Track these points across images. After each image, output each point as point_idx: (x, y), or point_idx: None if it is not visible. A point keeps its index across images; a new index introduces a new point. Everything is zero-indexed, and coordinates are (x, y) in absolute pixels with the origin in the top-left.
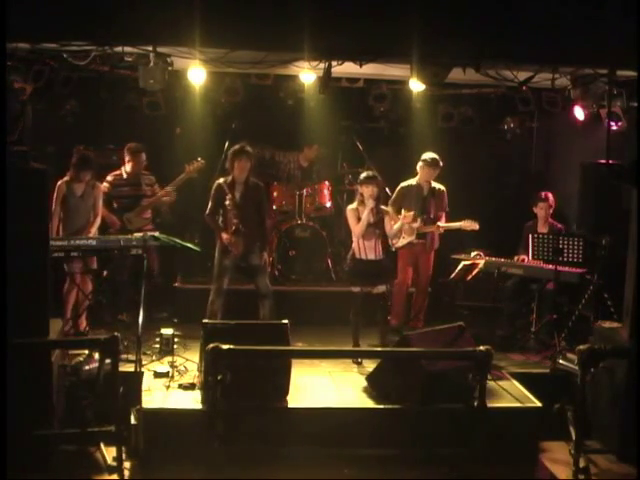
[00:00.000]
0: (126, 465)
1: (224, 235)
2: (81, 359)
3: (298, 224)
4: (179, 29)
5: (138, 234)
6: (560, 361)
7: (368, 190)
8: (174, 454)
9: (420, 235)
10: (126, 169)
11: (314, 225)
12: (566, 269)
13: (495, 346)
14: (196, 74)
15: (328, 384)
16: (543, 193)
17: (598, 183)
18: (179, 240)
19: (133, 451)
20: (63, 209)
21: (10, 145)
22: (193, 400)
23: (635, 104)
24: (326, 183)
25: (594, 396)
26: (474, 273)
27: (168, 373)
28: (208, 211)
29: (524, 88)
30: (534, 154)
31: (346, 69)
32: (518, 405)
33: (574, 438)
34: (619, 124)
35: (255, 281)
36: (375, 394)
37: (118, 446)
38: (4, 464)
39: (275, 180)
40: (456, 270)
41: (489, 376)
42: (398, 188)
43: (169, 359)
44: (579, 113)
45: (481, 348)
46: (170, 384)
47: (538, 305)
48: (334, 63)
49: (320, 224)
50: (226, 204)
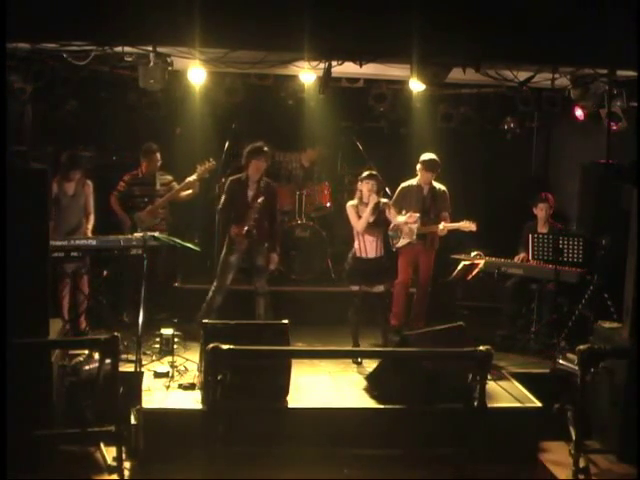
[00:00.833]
0: (126, 465)
1: (233, 227)
2: (81, 359)
3: (298, 224)
4: (179, 29)
5: (138, 234)
6: (560, 361)
7: (368, 186)
8: (174, 454)
9: (420, 235)
10: (141, 169)
11: (314, 225)
12: (566, 269)
13: (495, 346)
14: (196, 74)
15: (328, 384)
16: (543, 194)
17: (598, 183)
18: (179, 240)
19: (133, 451)
20: (56, 209)
21: (10, 145)
22: (193, 400)
23: (635, 104)
24: (326, 183)
25: (594, 396)
26: (474, 273)
27: (168, 373)
28: (222, 206)
29: (524, 88)
30: (534, 154)
31: (346, 69)
32: (518, 405)
33: (574, 438)
34: (619, 124)
35: (254, 280)
36: (375, 394)
37: (118, 446)
38: (4, 464)
39: (275, 180)
40: (456, 270)
41: (489, 376)
42: (399, 188)
43: (169, 359)
44: (579, 113)
45: (481, 348)
46: (170, 384)
47: (538, 305)
48: (334, 63)
49: (320, 224)
50: (257, 202)
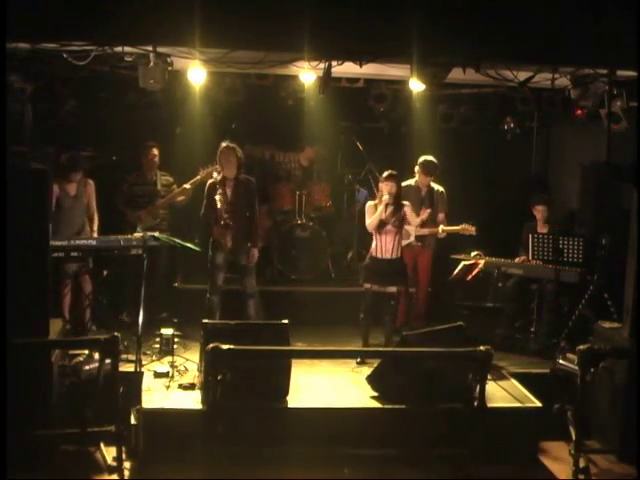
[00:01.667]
0: (126, 465)
1: (214, 229)
2: (81, 359)
3: (298, 224)
4: (179, 29)
5: (138, 234)
6: (560, 361)
7: (387, 187)
8: (174, 454)
9: (419, 237)
10: (142, 168)
11: (314, 225)
12: (566, 269)
13: (495, 346)
14: (196, 74)
15: (328, 384)
16: (543, 194)
17: (598, 183)
18: (179, 240)
19: (133, 451)
20: (58, 210)
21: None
22: (193, 400)
23: (635, 104)
24: (326, 183)
25: (594, 396)
26: (474, 273)
27: (168, 373)
28: (203, 210)
29: (524, 88)
30: (534, 154)
31: (346, 69)
32: (518, 405)
33: (574, 438)
34: (619, 124)
35: (242, 280)
36: (375, 394)
37: (118, 446)
38: (4, 464)
39: (275, 180)
40: (456, 270)
41: (489, 376)
42: None
43: (169, 359)
44: (580, 112)
45: (481, 348)
46: (170, 384)
47: (538, 305)
48: (334, 63)
49: (320, 224)
50: (216, 199)
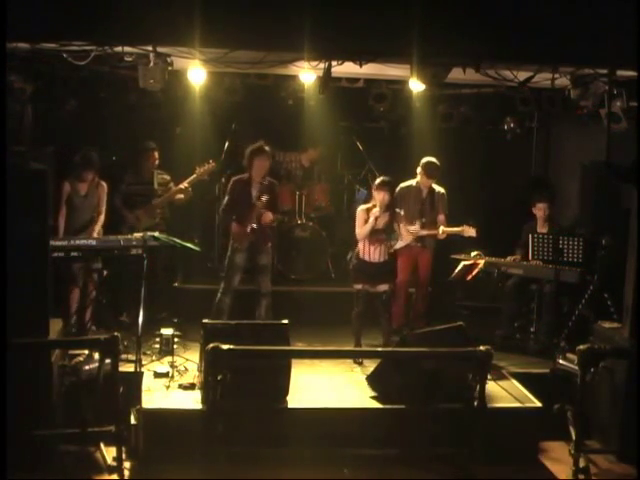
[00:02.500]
0: (126, 465)
1: (234, 225)
2: (81, 359)
3: (298, 224)
4: (179, 29)
5: (138, 234)
6: (560, 361)
7: (379, 196)
8: (174, 454)
9: (419, 238)
10: (140, 168)
11: (314, 225)
12: (566, 269)
13: (495, 346)
14: (196, 74)
15: (328, 384)
16: (541, 194)
17: (598, 183)
18: (179, 240)
19: (133, 451)
20: (68, 208)
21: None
22: (193, 400)
23: (635, 104)
24: (326, 183)
25: (594, 396)
26: (474, 273)
27: (168, 373)
28: (225, 206)
29: (524, 88)
30: (534, 154)
31: (346, 69)
32: (518, 405)
33: (574, 438)
34: (619, 124)
35: (258, 279)
36: (375, 394)
37: (118, 446)
38: (4, 464)
39: (275, 180)
40: (456, 270)
41: (489, 376)
42: (397, 189)
43: (169, 359)
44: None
45: (481, 348)
46: (170, 384)
47: (538, 305)
48: (334, 63)
49: (320, 224)
50: (251, 201)
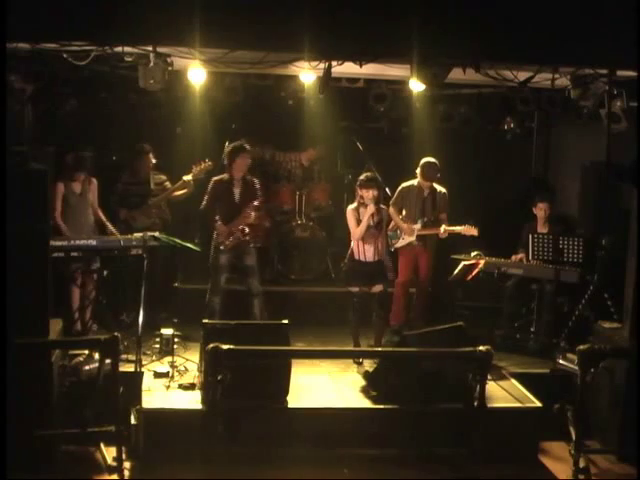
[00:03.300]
0: (126, 465)
1: (219, 225)
2: (81, 359)
3: (298, 224)
4: (179, 29)
5: (138, 234)
6: (560, 361)
7: (368, 194)
8: (174, 454)
9: (419, 237)
10: (134, 169)
11: (314, 225)
12: (566, 269)
13: (495, 346)
14: (196, 74)
15: (328, 384)
16: (543, 194)
17: (598, 183)
18: (179, 240)
19: (133, 451)
20: (65, 208)
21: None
22: (193, 400)
23: (635, 104)
24: (326, 183)
25: (594, 396)
26: (474, 273)
27: (168, 373)
28: (204, 206)
29: (524, 88)
30: (534, 154)
31: (346, 69)
32: (518, 405)
33: (574, 438)
34: (619, 124)
35: (247, 281)
36: (375, 394)
37: (118, 446)
38: (4, 464)
39: (275, 180)
40: (456, 270)
41: (489, 376)
42: (399, 188)
43: (169, 359)
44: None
45: (481, 348)
46: (170, 384)
47: (538, 305)
48: (334, 63)
49: (320, 224)
50: (235, 201)
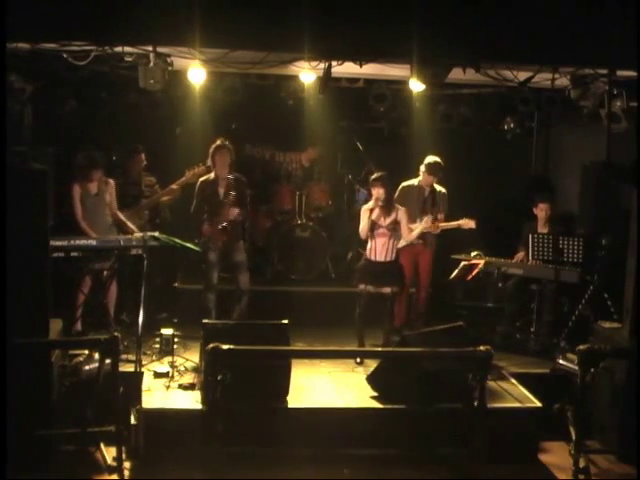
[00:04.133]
0: (126, 465)
1: (204, 227)
2: (81, 359)
3: (298, 224)
4: (179, 29)
5: (138, 234)
6: (560, 361)
7: (374, 192)
8: (174, 454)
9: (420, 236)
10: (127, 169)
11: (314, 225)
12: (566, 269)
13: (495, 346)
14: (196, 74)
15: (328, 384)
16: (543, 194)
17: (598, 183)
18: (179, 240)
19: (133, 451)
20: (83, 210)
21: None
22: (193, 400)
23: (635, 104)
24: (326, 183)
25: (594, 396)
26: (474, 273)
27: (168, 373)
28: (193, 209)
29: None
30: (534, 154)
31: (346, 69)
32: (518, 405)
33: (574, 438)
34: (619, 124)
35: (237, 277)
36: (375, 394)
37: (118, 446)
38: (4, 464)
39: (275, 180)
40: (456, 270)
41: (489, 376)
42: (399, 187)
43: (169, 359)
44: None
45: (481, 348)
46: (170, 384)
47: (538, 305)
48: (334, 63)
49: (320, 224)
50: (219, 199)
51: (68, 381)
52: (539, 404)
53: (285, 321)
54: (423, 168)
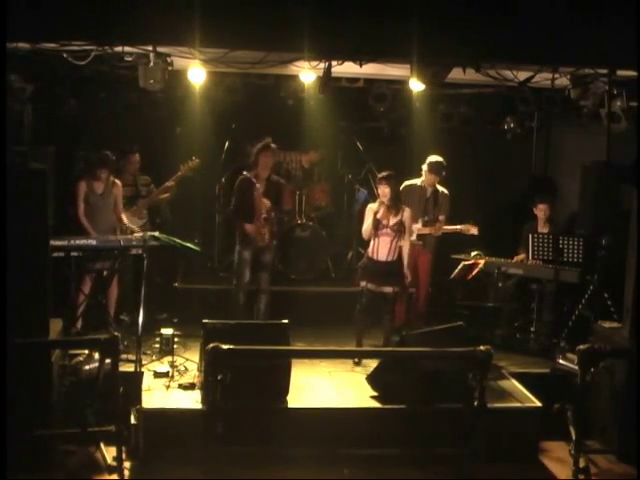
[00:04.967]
0: (126, 465)
1: (249, 226)
2: (81, 359)
3: (298, 224)
4: (179, 29)
5: (138, 234)
6: (560, 361)
7: (380, 191)
8: (174, 454)
9: (419, 236)
10: (122, 170)
11: (314, 225)
12: (566, 269)
13: (495, 346)
14: (196, 74)
15: (328, 384)
16: (543, 194)
17: (598, 183)
18: (179, 240)
19: (133, 451)
20: (87, 208)
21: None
22: (193, 400)
23: (635, 104)
24: (326, 183)
25: (594, 396)
26: (474, 273)
27: (168, 373)
28: (234, 206)
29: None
30: (534, 154)
31: (346, 69)
32: (518, 405)
33: (574, 438)
34: (619, 124)
35: (259, 276)
36: (375, 394)
37: (118, 446)
38: (4, 464)
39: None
40: (456, 270)
41: (489, 376)
42: (401, 187)
43: (169, 359)
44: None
45: (481, 348)
46: (170, 384)
47: (538, 305)
48: (334, 63)
49: (320, 224)
50: (256, 199)
51: (68, 381)
52: (539, 404)
53: (285, 321)
54: (425, 167)
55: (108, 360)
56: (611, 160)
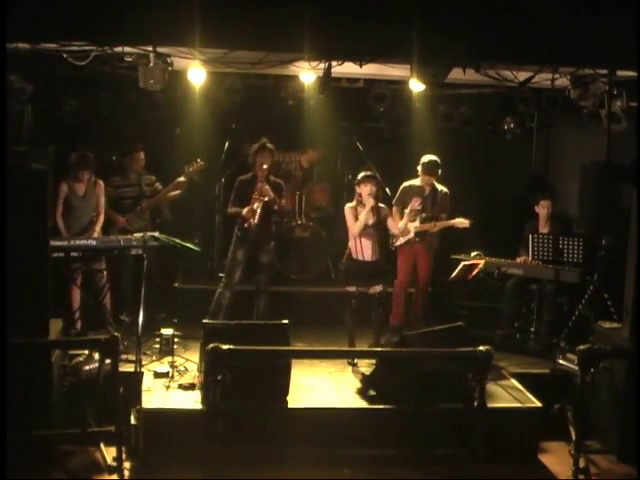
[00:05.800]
0: (126, 465)
1: (244, 209)
2: (81, 359)
3: (298, 224)
4: (179, 29)
5: (138, 234)
6: (560, 361)
7: (366, 189)
8: (174, 454)
9: (419, 234)
10: (127, 169)
11: (314, 225)
12: (566, 269)
13: (495, 346)
14: (196, 74)
15: (328, 384)
16: (544, 193)
17: (598, 183)
18: (179, 240)
19: (133, 451)
20: (66, 209)
21: (10, 145)
22: (193, 400)
23: (635, 104)
24: (326, 183)
25: (594, 396)
26: (474, 273)
27: (168, 373)
28: (231, 204)
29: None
30: (534, 154)
31: (346, 69)
32: (518, 405)
33: (574, 438)
34: (619, 124)
35: (258, 277)
36: (375, 394)
37: (118, 446)
38: (4, 464)
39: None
40: (456, 270)
41: (489, 376)
42: (401, 187)
43: (169, 359)
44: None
45: (481, 348)
46: (170, 384)
47: (538, 305)
48: (334, 63)
49: (320, 224)
50: (253, 199)
51: (68, 381)
52: (539, 404)
53: (285, 321)
54: (420, 168)
55: (108, 360)
56: (611, 160)
